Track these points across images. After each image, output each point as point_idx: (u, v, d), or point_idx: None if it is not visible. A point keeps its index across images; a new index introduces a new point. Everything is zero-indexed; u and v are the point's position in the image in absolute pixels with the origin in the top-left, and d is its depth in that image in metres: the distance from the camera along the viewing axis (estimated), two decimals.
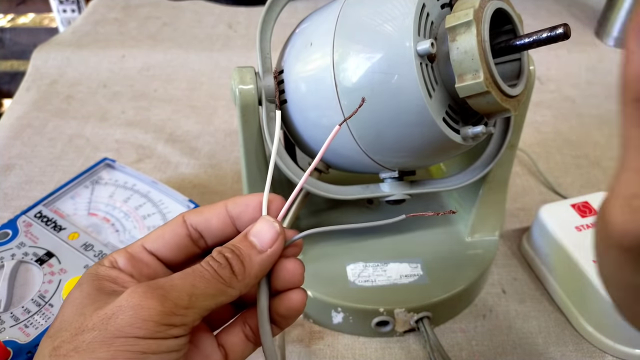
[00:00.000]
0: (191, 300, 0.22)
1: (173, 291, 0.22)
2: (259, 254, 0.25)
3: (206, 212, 0.26)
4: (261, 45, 0.36)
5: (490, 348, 0.40)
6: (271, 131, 0.36)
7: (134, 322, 0.21)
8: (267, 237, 0.25)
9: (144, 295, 0.21)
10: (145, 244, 0.26)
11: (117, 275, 0.24)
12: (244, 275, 0.24)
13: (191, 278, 0.23)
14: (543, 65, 0.73)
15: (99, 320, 0.21)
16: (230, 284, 0.23)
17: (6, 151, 0.59)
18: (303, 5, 0.81)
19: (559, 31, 0.28)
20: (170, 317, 0.21)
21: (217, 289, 0.23)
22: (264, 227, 0.25)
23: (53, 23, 1.55)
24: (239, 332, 0.27)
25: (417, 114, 0.30)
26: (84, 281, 0.24)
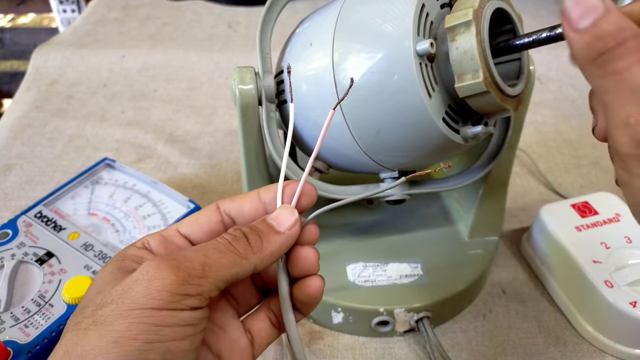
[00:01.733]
0: (204, 270, 0.22)
1: (186, 261, 0.22)
2: (277, 234, 0.25)
3: (239, 199, 0.27)
4: (261, 45, 0.36)
5: (490, 348, 0.40)
6: (271, 131, 0.36)
7: (148, 293, 0.21)
8: (286, 222, 0.26)
9: (157, 266, 0.22)
10: (179, 228, 0.26)
11: (144, 255, 0.25)
12: (261, 248, 0.24)
13: (204, 249, 0.23)
14: (543, 65, 0.73)
15: (116, 295, 0.21)
16: (245, 256, 0.24)
17: (6, 151, 0.59)
18: (303, 5, 0.81)
19: (559, 31, 0.28)
20: (184, 287, 0.21)
21: (231, 260, 0.23)
22: (283, 212, 0.26)
23: (53, 23, 1.55)
24: (264, 317, 0.27)
25: (417, 114, 0.30)
26: (111, 262, 0.25)
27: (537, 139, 0.63)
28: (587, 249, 0.41)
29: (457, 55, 0.29)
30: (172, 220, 0.44)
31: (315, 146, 0.27)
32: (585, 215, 0.44)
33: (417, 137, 0.32)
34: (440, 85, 0.31)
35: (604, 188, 0.54)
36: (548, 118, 0.66)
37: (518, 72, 0.34)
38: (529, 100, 0.39)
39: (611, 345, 0.39)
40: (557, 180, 0.57)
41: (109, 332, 0.20)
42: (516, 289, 0.45)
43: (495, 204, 0.44)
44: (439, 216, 0.47)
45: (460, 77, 0.29)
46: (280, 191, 0.27)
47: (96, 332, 0.20)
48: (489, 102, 0.30)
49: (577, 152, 0.61)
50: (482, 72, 0.28)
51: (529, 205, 0.53)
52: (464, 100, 0.30)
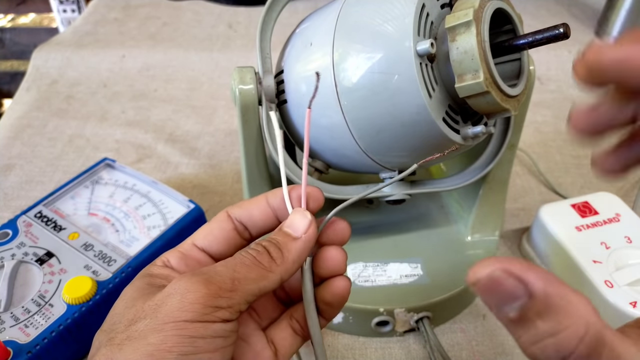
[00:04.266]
0: (234, 284, 0.23)
1: (217, 276, 0.23)
2: (294, 240, 0.26)
3: (247, 205, 0.27)
4: (261, 45, 0.36)
5: (490, 348, 0.40)
6: (271, 131, 0.36)
7: (181, 306, 0.21)
8: (301, 226, 0.26)
9: (189, 280, 0.22)
10: (195, 241, 0.27)
11: (169, 273, 0.25)
12: (283, 259, 0.25)
13: (232, 264, 0.24)
14: (543, 65, 0.73)
15: (149, 309, 0.22)
16: (270, 269, 0.24)
17: (6, 151, 0.59)
18: (303, 5, 0.81)
19: (559, 31, 0.28)
20: (216, 299, 0.22)
21: (258, 274, 0.24)
22: (297, 217, 0.26)
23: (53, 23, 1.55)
24: (286, 326, 0.28)
25: (417, 114, 0.30)
26: (136, 280, 0.25)
27: (537, 139, 0.63)
28: (587, 249, 0.41)
29: (458, 55, 0.29)
30: (172, 221, 0.43)
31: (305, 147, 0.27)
32: (585, 215, 0.44)
33: (417, 137, 0.32)
34: (441, 86, 0.31)
35: (604, 188, 0.54)
36: (548, 118, 0.66)
37: (518, 72, 0.34)
38: (529, 100, 0.39)
39: None
40: (557, 180, 0.57)
41: (144, 346, 0.21)
42: None
43: (495, 204, 0.44)
44: (439, 216, 0.47)
45: (461, 77, 0.29)
46: (287, 195, 0.27)
47: (131, 347, 0.21)
48: (489, 102, 0.30)
49: (577, 152, 0.61)
50: (483, 72, 0.28)
51: (529, 205, 0.53)
52: (464, 100, 0.30)
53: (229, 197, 0.54)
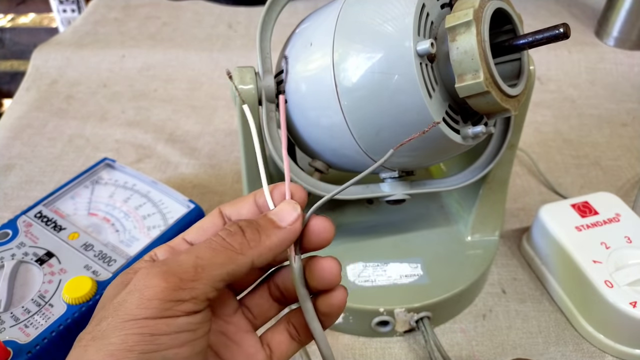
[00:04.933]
0: (197, 272, 0.22)
1: (177, 266, 0.22)
2: (277, 229, 0.24)
3: (238, 203, 0.27)
4: (261, 45, 0.36)
5: (490, 348, 0.40)
6: (271, 131, 0.36)
7: (140, 303, 0.21)
8: (287, 216, 0.25)
9: (147, 274, 0.21)
10: (185, 236, 0.26)
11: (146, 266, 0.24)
12: (259, 242, 0.23)
13: (196, 250, 0.23)
14: (543, 65, 0.73)
15: (112, 308, 0.21)
16: (240, 251, 0.23)
17: (6, 151, 0.59)
18: (303, 5, 0.81)
19: (559, 31, 0.28)
20: (176, 292, 0.21)
21: (226, 257, 0.23)
22: (286, 207, 0.25)
23: (53, 23, 1.55)
24: (283, 330, 0.27)
25: (417, 114, 0.30)
26: (117, 277, 0.25)
27: (537, 139, 0.63)
28: (587, 249, 0.41)
29: (458, 55, 0.29)
30: (172, 221, 0.43)
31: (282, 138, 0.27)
32: (585, 215, 0.44)
33: (417, 138, 0.32)
34: (441, 85, 0.31)
35: (604, 188, 0.54)
36: (548, 118, 0.66)
37: (518, 72, 0.34)
38: (529, 100, 0.39)
39: (611, 345, 0.39)
40: (557, 180, 0.57)
41: (106, 346, 0.20)
42: (516, 289, 0.45)
43: (495, 204, 0.44)
44: (439, 216, 0.47)
45: (461, 77, 0.29)
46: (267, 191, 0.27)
47: (94, 347, 0.20)
48: (489, 102, 0.30)
49: (577, 152, 0.61)
50: (483, 72, 0.28)
51: (529, 205, 0.53)
52: (464, 100, 0.30)
53: (229, 197, 0.54)
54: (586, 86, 0.72)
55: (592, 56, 0.74)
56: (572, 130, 0.64)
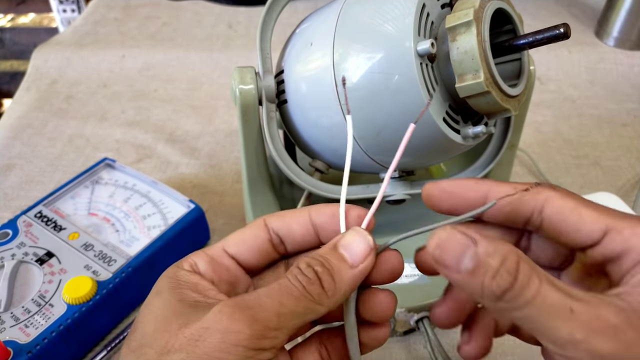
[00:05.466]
0: (280, 321, 0.21)
1: (261, 312, 0.21)
2: (350, 269, 0.23)
3: (288, 218, 0.25)
4: (261, 45, 0.36)
5: None
6: (271, 131, 0.36)
7: (223, 347, 0.20)
8: (359, 251, 0.23)
9: (232, 317, 0.20)
10: (226, 247, 0.25)
11: (198, 281, 0.23)
12: (334, 291, 0.22)
13: (278, 295, 0.21)
14: (543, 65, 0.73)
15: (185, 341, 0.20)
16: (319, 301, 0.22)
17: (6, 151, 0.59)
18: (303, 5, 0.81)
19: (559, 31, 0.28)
20: (259, 341, 0.20)
21: (305, 307, 0.22)
22: (356, 239, 0.23)
23: (53, 23, 1.55)
24: (314, 351, 0.26)
25: (417, 114, 0.30)
26: (163, 288, 0.23)
27: (537, 139, 0.63)
28: None
29: (458, 55, 0.29)
30: (172, 221, 0.43)
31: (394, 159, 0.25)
32: None
33: (417, 137, 0.32)
34: (441, 86, 0.31)
35: (604, 188, 0.54)
36: (548, 118, 0.66)
37: (518, 72, 0.34)
38: (529, 100, 0.39)
39: None
40: (557, 181, 0.57)
41: None
42: None
43: None
44: (439, 216, 0.47)
45: (461, 77, 0.29)
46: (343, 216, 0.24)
47: None
48: (489, 102, 0.30)
49: (577, 152, 0.61)
50: (483, 72, 0.28)
51: None
52: (465, 100, 0.30)
53: (229, 197, 0.54)
54: (586, 86, 0.72)
55: (592, 56, 0.74)
56: (572, 130, 0.64)
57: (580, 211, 0.22)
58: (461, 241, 0.20)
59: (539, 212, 0.23)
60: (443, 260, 0.20)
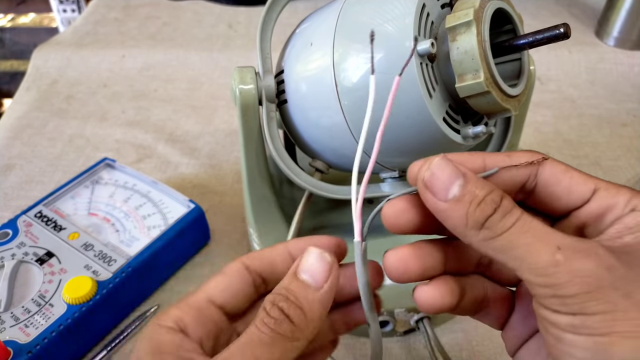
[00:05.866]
0: None
1: None
2: (317, 291, 0.22)
3: (267, 257, 0.25)
4: (261, 45, 0.36)
5: (490, 348, 0.40)
6: (271, 131, 0.36)
7: None
8: (320, 271, 0.23)
9: None
10: (213, 297, 0.23)
11: (181, 344, 0.21)
12: (307, 322, 0.22)
13: (250, 349, 0.20)
14: (543, 65, 0.73)
15: None
16: (294, 337, 0.21)
17: (6, 151, 0.59)
18: (303, 5, 0.81)
19: (559, 31, 0.28)
20: None
21: (282, 349, 0.21)
22: (312, 259, 0.23)
23: (53, 23, 1.55)
24: None
25: (417, 114, 0.30)
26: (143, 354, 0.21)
27: (537, 139, 0.63)
28: None
29: (458, 55, 0.29)
30: (172, 220, 0.43)
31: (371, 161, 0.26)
32: None
33: (417, 137, 0.32)
34: (441, 85, 0.31)
35: None
36: (548, 118, 0.66)
37: (518, 72, 0.34)
38: (529, 100, 0.39)
39: None
40: None
41: None
42: None
43: None
44: None
45: (461, 77, 0.29)
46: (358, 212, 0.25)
47: None
48: (489, 102, 0.30)
49: (577, 152, 0.61)
50: (483, 72, 0.28)
51: None
52: (465, 100, 0.30)
53: (229, 197, 0.54)
54: (586, 86, 0.72)
55: (592, 56, 0.74)
56: (572, 130, 0.64)
57: (572, 174, 0.23)
58: (450, 170, 0.21)
59: (534, 176, 0.23)
60: (432, 185, 0.21)
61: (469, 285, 0.25)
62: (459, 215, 0.21)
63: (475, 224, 0.20)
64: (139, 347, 0.22)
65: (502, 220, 0.20)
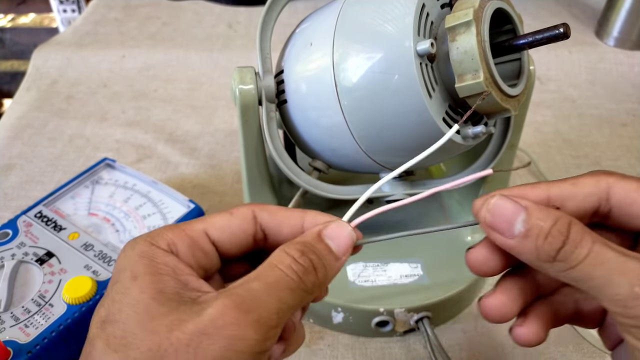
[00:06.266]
0: (279, 318, 0.20)
1: (264, 312, 0.19)
2: (335, 261, 0.23)
3: (280, 217, 0.24)
4: (261, 45, 0.36)
5: (490, 348, 0.40)
6: (271, 131, 0.36)
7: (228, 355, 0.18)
8: (344, 244, 0.23)
9: (238, 322, 0.19)
10: (209, 231, 0.23)
11: (176, 265, 0.21)
12: (325, 282, 0.22)
13: (276, 290, 0.20)
14: (543, 65, 0.73)
15: (182, 347, 0.18)
16: (311, 291, 0.21)
17: (6, 151, 0.59)
18: (303, 5, 0.81)
19: (559, 31, 0.28)
20: (264, 343, 0.19)
21: (300, 298, 0.21)
22: (342, 231, 0.23)
23: (53, 23, 1.55)
24: None
25: (417, 114, 0.30)
26: (139, 272, 0.21)
27: (537, 139, 0.63)
28: None
29: (458, 55, 0.29)
30: (172, 220, 0.43)
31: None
32: None
33: (417, 137, 0.32)
34: (441, 85, 0.31)
35: None
36: (548, 118, 0.66)
37: (518, 72, 0.34)
38: (529, 100, 0.39)
39: None
40: None
41: None
42: None
43: None
44: (439, 216, 0.47)
45: (461, 77, 0.29)
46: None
47: None
48: (489, 102, 0.30)
49: (577, 152, 0.61)
50: (483, 72, 0.28)
51: None
52: (464, 100, 0.30)
53: (229, 197, 0.54)
54: (586, 86, 0.72)
55: (592, 56, 0.74)
56: (572, 130, 0.64)
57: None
58: (511, 207, 0.21)
59: (606, 200, 0.23)
60: (495, 224, 0.21)
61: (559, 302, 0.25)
62: (529, 250, 0.21)
63: (547, 257, 0.20)
64: (133, 265, 0.21)
65: (574, 252, 0.20)
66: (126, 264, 0.21)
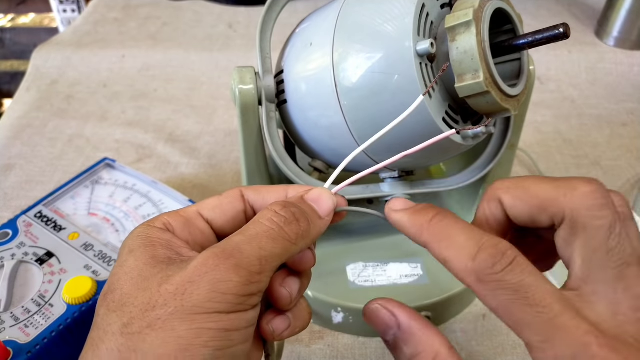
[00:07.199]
0: (262, 265, 0.21)
1: (244, 258, 0.21)
2: (320, 219, 0.24)
3: (265, 192, 0.26)
4: (261, 45, 0.36)
5: (490, 348, 0.40)
6: (271, 131, 0.36)
7: (213, 297, 0.20)
8: (326, 205, 0.25)
9: (218, 267, 0.20)
10: (201, 211, 0.25)
11: (170, 239, 0.23)
12: (308, 233, 0.23)
13: (257, 240, 0.22)
14: (543, 65, 0.73)
15: (169, 295, 0.20)
16: (295, 241, 0.22)
17: (6, 151, 0.59)
18: (303, 5, 0.81)
19: (559, 31, 0.28)
20: (247, 287, 0.20)
21: (283, 247, 0.22)
22: (324, 195, 0.25)
23: (53, 23, 1.55)
24: None
25: (417, 114, 0.30)
26: (135, 246, 0.22)
27: (537, 139, 0.63)
28: None
29: (458, 55, 0.29)
30: None
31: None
32: None
33: (417, 137, 0.32)
34: (441, 85, 0.31)
35: None
36: (548, 118, 0.66)
37: (518, 72, 0.34)
38: (529, 100, 0.39)
39: None
40: None
41: (175, 339, 0.19)
42: None
43: None
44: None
45: (461, 77, 0.29)
46: None
47: (158, 339, 0.19)
48: (489, 102, 0.30)
49: (577, 152, 0.61)
50: (483, 72, 0.28)
51: None
52: (464, 100, 0.30)
53: None
54: (586, 86, 0.72)
55: (592, 56, 0.74)
56: (572, 130, 0.64)
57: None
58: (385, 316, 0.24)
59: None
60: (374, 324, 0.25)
61: None
62: None
63: None
64: (130, 242, 0.23)
65: None
66: (125, 243, 0.23)
